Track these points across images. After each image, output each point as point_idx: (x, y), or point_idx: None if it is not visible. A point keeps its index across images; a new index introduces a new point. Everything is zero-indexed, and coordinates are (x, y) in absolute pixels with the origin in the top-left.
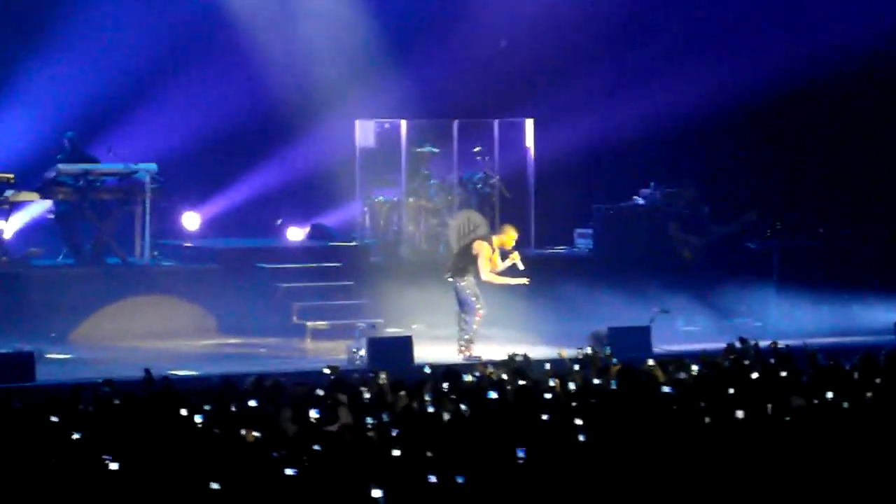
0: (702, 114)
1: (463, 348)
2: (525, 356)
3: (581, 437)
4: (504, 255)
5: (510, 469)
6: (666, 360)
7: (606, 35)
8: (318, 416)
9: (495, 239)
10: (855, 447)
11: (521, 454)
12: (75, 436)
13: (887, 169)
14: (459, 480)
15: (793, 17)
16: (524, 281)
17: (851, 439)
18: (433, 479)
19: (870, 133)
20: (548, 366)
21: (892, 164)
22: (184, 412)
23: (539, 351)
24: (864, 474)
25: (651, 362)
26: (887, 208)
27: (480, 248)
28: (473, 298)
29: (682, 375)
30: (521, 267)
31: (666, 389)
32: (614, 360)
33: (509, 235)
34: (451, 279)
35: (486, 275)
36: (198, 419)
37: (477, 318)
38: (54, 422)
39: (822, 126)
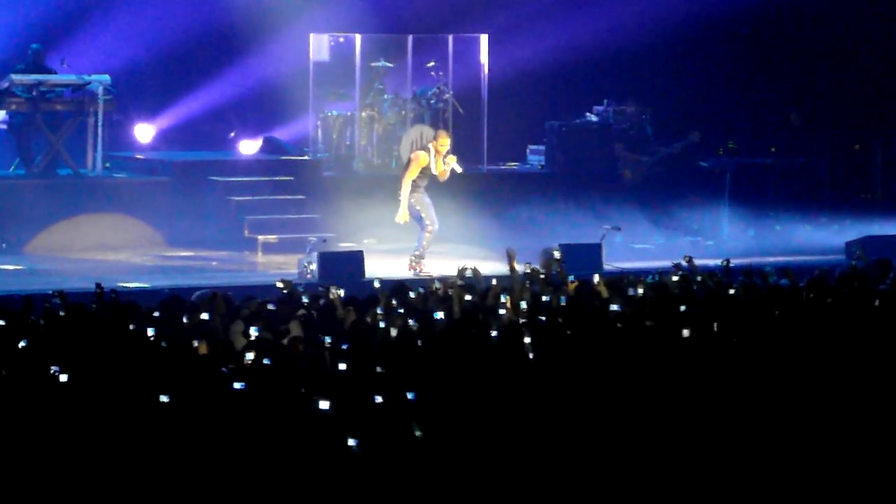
0: (657, 31)
1: (413, 264)
2: (475, 270)
3: (530, 355)
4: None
5: (456, 386)
6: (615, 278)
7: None
8: (268, 330)
9: (431, 146)
10: (805, 367)
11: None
12: (22, 344)
13: (841, 88)
14: (410, 397)
15: None
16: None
17: (800, 359)
18: (379, 398)
19: (823, 53)
20: (495, 281)
21: (845, 83)
22: (132, 326)
23: (490, 266)
24: (815, 393)
25: (596, 282)
26: (841, 127)
27: (415, 156)
28: (423, 214)
29: (632, 292)
30: (458, 170)
31: (614, 307)
32: (572, 277)
33: (441, 140)
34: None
35: (405, 181)
36: (150, 332)
37: (426, 234)
38: (4, 331)
39: (777, 45)
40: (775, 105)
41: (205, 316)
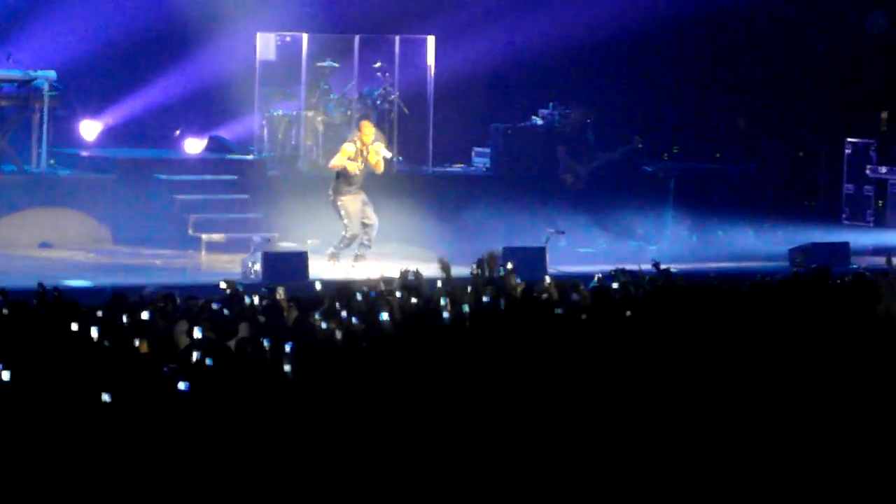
0: (604, 35)
1: (329, 258)
2: (417, 273)
3: (471, 358)
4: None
5: (398, 390)
6: (558, 282)
7: None
8: (212, 330)
9: (356, 138)
10: (746, 374)
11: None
12: None
13: (787, 95)
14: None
15: None
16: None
17: (743, 364)
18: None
19: (770, 59)
20: (439, 283)
21: (789, 88)
22: (75, 326)
23: (434, 269)
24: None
25: (547, 281)
26: (786, 135)
27: (343, 147)
28: (344, 217)
29: (574, 297)
30: (388, 155)
31: (558, 310)
32: (519, 278)
33: (364, 130)
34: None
35: (331, 163)
36: (94, 332)
37: (345, 234)
38: None
39: (725, 50)
40: (721, 111)
41: (145, 315)
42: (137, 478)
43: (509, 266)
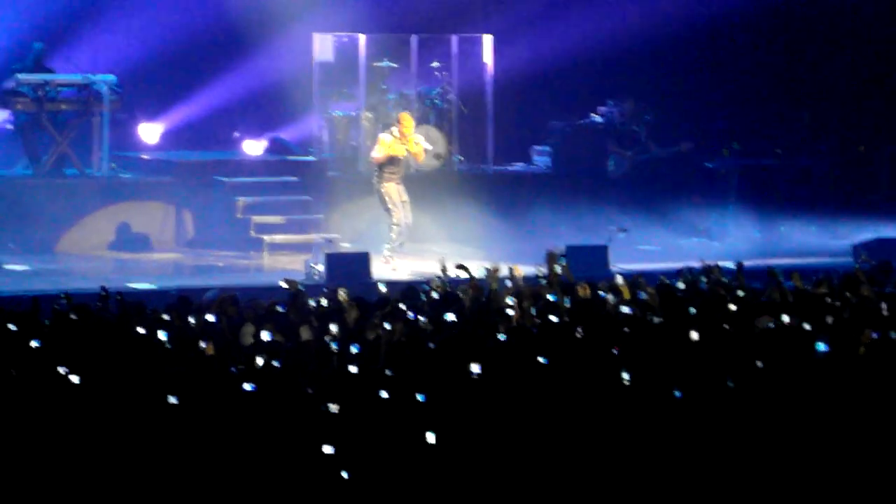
0: (663, 31)
1: (384, 258)
2: (490, 270)
3: (541, 359)
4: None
5: (466, 388)
6: (622, 281)
7: None
8: (277, 332)
9: (395, 129)
10: (814, 371)
11: (476, 370)
12: (34, 343)
13: (848, 89)
14: (420, 399)
15: None
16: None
17: (814, 364)
18: (385, 394)
19: (830, 53)
20: (509, 283)
21: (851, 83)
22: (141, 330)
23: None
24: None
25: (618, 280)
26: (846, 128)
27: (379, 139)
28: (390, 207)
29: (641, 295)
30: (429, 147)
31: (625, 310)
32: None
33: (404, 122)
34: (374, 183)
35: (372, 156)
36: (161, 336)
37: (394, 227)
38: (13, 333)
39: (784, 45)
40: (782, 105)
41: (211, 317)
42: (205, 479)
43: (563, 263)
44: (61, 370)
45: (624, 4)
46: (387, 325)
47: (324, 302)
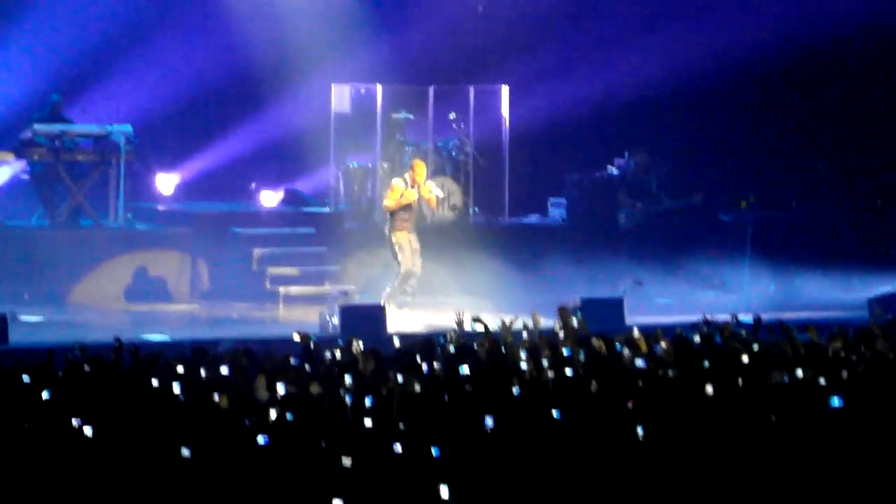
0: (679, 83)
1: (385, 301)
2: (507, 322)
3: (555, 413)
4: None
5: (480, 441)
6: (639, 334)
7: (582, 1)
8: (291, 385)
9: (407, 175)
10: (828, 425)
11: (489, 423)
12: (45, 395)
13: (859, 142)
14: (435, 453)
15: None
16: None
17: (826, 418)
18: (399, 448)
19: (843, 106)
20: (525, 335)
21: (864, 137)
22: (155, 382)
23: (509, 320)
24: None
25: (636, 336)
26: (861, 181)
27: (392, 184)
28: (398, 254)
29: (657, 349)
30: (441, 195)
31: (639, 363)
32: (589, 332)
33: (417, 169)
34: (385, 233)
35: (385, 203)
36: (176, 388)
37: (400, 275)
38: (27, 385)
39: (797, 99)
40: (797, 158)
41: (224, 370)
42: None
43: (579, 316)
44: (75, 422)
45: (641, 56)
46: (400, 378)
47: (338, 354)
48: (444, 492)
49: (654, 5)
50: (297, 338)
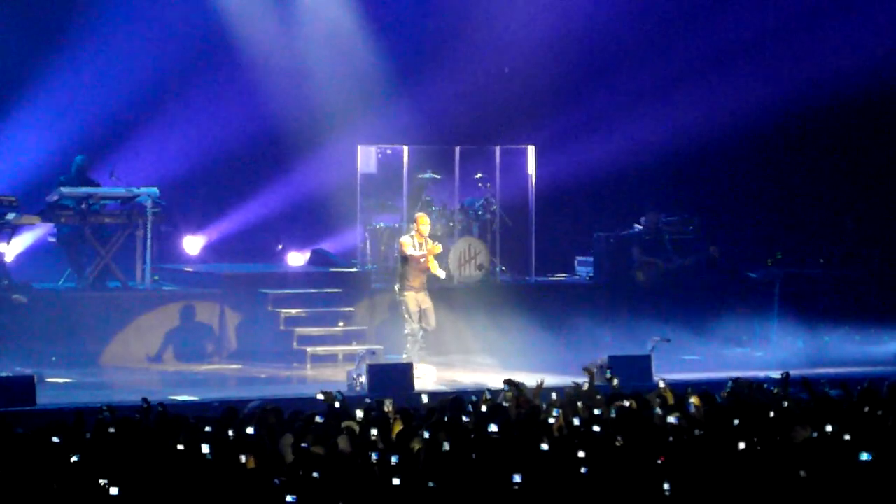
0: (706, 140)
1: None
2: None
3: (583, 470)
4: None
5: (509, 499)
6: (667, 391)
7: (607, 62)
8: (318, 444)
9: (413, 228)
10: (856, 479)
11: (517, 480)
12: (74, 458)
13: (886, 196)
14: None
15: (789, 48)
16: (440, 274)
17: (855, 473)
18: None
19: (868, 162)
20: (554, 395)
21: (890, 191)
22: (183, 442)
23: (537, 379)
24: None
25: (661, 387)
26: (888, 235)
27: (401, 243)
28: (405, 315)
29: (689, 407)
30: (441, 275)
31: (671, 420)
32: (619, 390)
33: (420, 222)
34: (395, 291)
35: (411, 253)
36: (205, 449)
37: (408, 336)
38: (56, 446)
39: (823, 155)
40: (825, 214)
41: (250, 430)
42: None
43: (608, 375)
44: (102, 482)
45: (666, 115)
46: (426, 435)
47: (367, 413)
48: None
49: (679, 66)
50: (320, 396)
